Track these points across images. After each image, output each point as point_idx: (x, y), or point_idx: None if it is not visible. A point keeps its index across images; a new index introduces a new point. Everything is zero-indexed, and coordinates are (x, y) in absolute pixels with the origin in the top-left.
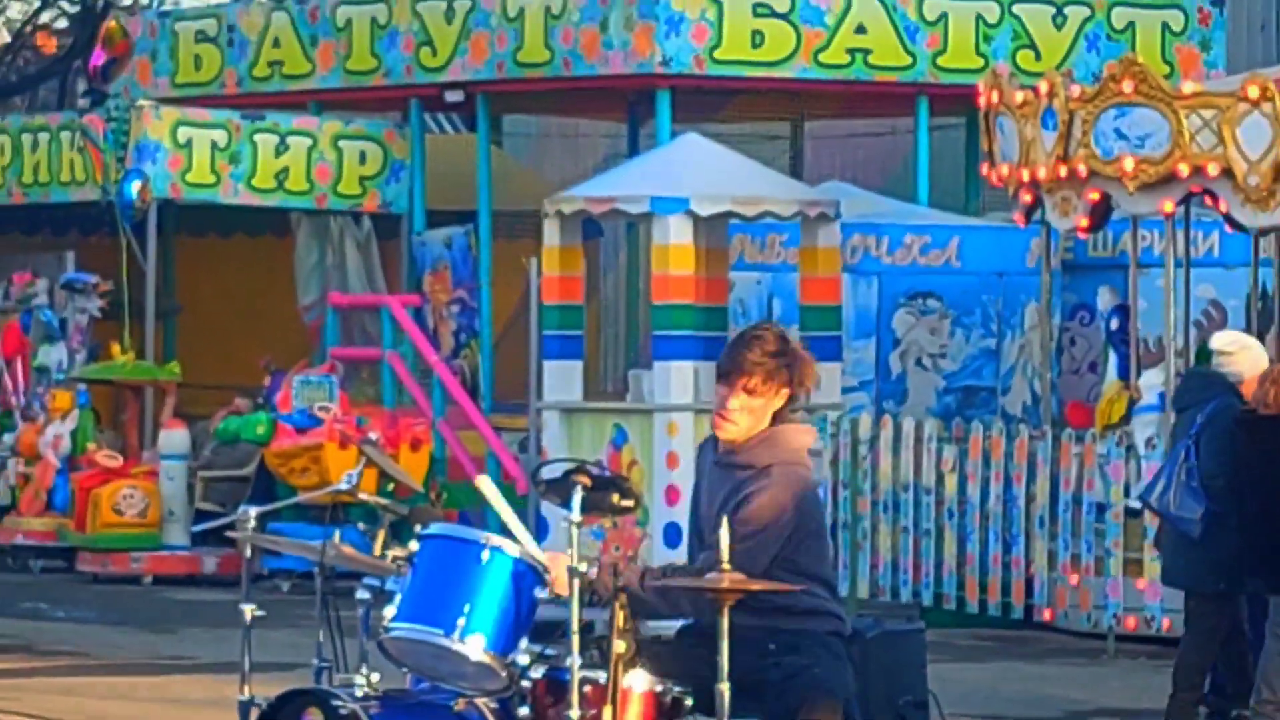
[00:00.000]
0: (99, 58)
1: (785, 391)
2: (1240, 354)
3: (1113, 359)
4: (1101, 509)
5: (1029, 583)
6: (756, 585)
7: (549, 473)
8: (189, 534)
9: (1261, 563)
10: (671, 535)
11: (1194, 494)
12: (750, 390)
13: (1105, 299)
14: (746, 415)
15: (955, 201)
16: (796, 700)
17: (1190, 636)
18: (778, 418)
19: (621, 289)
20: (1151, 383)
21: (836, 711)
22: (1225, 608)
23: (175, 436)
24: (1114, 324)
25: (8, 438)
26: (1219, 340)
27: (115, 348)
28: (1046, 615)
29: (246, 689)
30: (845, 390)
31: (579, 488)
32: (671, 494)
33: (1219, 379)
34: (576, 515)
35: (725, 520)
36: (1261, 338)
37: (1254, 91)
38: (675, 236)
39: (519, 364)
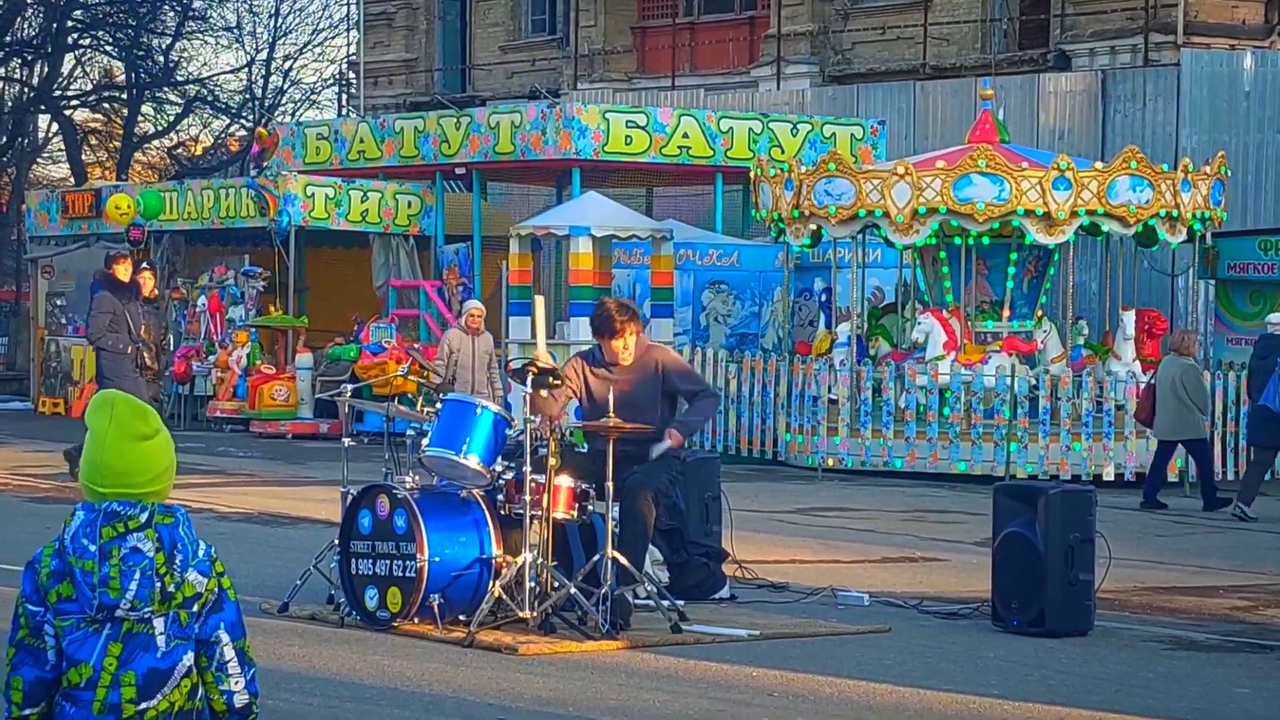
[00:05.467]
0: (255, 149)
1: (637, 325)
2: None
3: (822, 318)
4: (815, 400)
5: (776, 439)
6: (628, 427)
7: (514, 367)
8: (313, 411)
9: None
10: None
11: None
12: (633, 332)
13: (818, 285)
14: (633, 344)
15: (736, 231)
16: (625, 490)
17: (1255, 468)
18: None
19: (552, 277)
20: (844, 331)
21: (646, 493)
22: None
23: (304, 358)
24: (823, 298)
25: (212, 357)
26: (1275, 317)
27: (271, 308)
28: (784, 458)
29: (346, 484)
30: (675, 334)
31: (530, 374)
32: None
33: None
34: (529, 388)
35: (689, 379)
36: (903, 308)
37: (900, 170)
38: (582, 249)
39: (497, 318)
